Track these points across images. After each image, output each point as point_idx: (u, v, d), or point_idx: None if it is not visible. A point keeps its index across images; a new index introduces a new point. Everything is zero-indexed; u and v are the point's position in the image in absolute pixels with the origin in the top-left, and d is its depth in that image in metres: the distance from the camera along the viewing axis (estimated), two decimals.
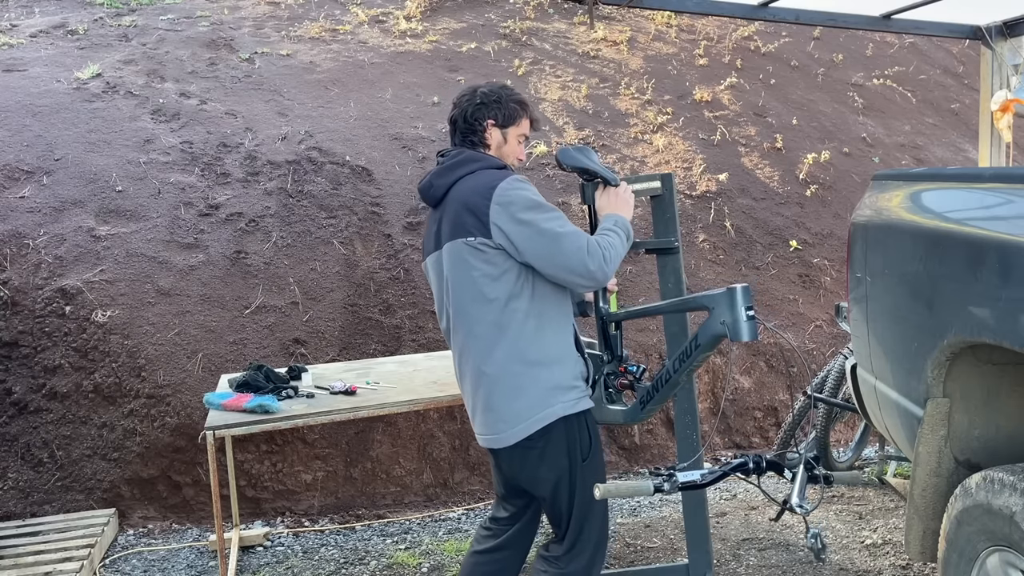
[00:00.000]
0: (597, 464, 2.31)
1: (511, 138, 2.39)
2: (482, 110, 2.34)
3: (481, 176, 2.24)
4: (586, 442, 2.26)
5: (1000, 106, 4.96)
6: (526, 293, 2.20)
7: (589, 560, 2.34)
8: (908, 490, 2.31)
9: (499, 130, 2.36)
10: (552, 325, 2.24)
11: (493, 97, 2.36)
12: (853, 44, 8.25)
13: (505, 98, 2.36)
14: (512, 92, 2.41)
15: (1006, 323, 1.83)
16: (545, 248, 2.13)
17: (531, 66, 6.89)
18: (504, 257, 2.17)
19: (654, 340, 4.75)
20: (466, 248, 2.19)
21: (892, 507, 3.86)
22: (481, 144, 2.37)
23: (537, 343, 2.20)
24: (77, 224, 4.57)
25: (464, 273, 2.22)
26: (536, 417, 2.19)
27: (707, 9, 4.90)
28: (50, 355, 4.11)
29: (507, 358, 2.19)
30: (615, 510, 4.02)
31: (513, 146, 2.40)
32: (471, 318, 2.23)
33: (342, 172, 5.24)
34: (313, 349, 4.37)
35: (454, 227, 2.22)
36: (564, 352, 2.25)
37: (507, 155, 2.39)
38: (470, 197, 2.20)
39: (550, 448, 2.23)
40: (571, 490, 2.27)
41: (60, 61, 5.98)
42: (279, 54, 6.56)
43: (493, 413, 2.23)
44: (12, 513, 3.87)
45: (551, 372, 2.21)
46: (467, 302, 2.23)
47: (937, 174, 2.38)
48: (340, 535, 3.89)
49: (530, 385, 2.19)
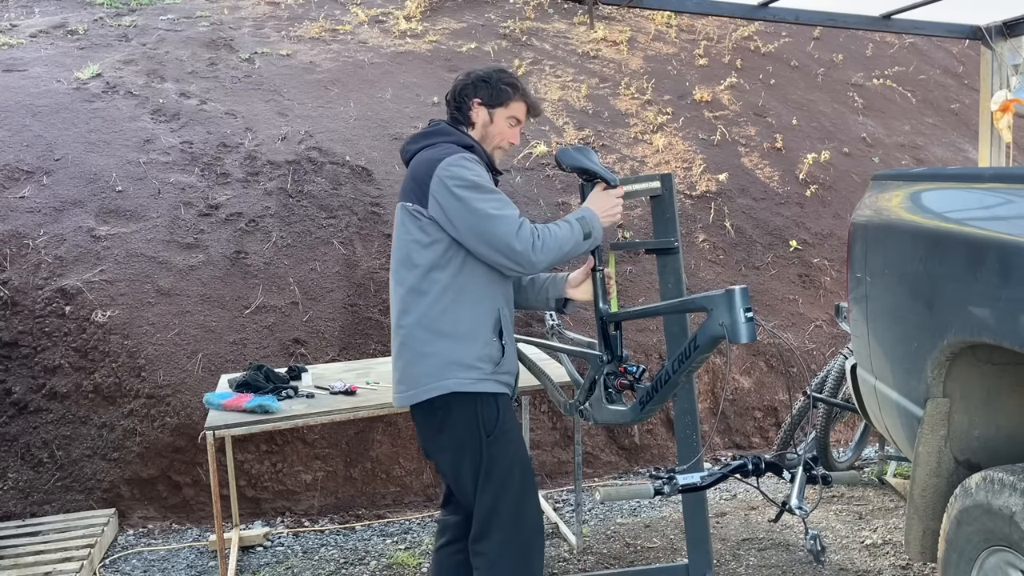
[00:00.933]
0: (508, 443, 2.31)
1: (499, 119, 2.40)
2: (470, 89, 2.40)
3: (438, 149, 2.30)
4: (492, 419, 2.28)
5: (1000, 106, 4.96)
6: (452, 266, 2.25)
7: (521, 549, 2.32)
8: (908, 490, 2.31)
9: (486, 109, 2.39)
10: (470, 303, 2.27)
11: (484, 77, 2.40)
12: (853, 44, 8.25)
13: (496, 79, 2.40)
14: (506, 75, 2.44)
15: (1006, 323, 1.83)
16: (475, 226, 2.18)
17: (531, 66, 6.89)
18: (436, 228, 2.24)
19: (654, 340, 4.75)
20: (406, 212, 2.29)
21: (892, 507, 3.86)
22: (466, 122, 2.41)
23: (449, 316, 2.24)
24: (77, 224, 4.57)
25: (401, 235, 2.31)
26: (429, 386, 2.25)
27: (707, 9, 4.90)
28: (50, 355, 4.11)
29: (416, 323, 2.26)
30: (614, 510, 4.03)
31: (501, 127, 2.41)
32: (397, 278, 2.33)
33: (342, 172, 5.24)
34: (313, 349, 4.37)
35: (403, 191, 2.33)
36: (476, 331, 2.27)
37: (494, 135, 2.41)
38: (419, 166, 2.28)
39: (450, 419, 2.27)
40: (475, 466, 2.28)
41: (60, 61, 5.98)
42: (279, 54, 6.56)
43: (397, 372, 2.33)
44: (12, 513, 3.87)
45: (454, 347, 2.25)
46: (397, 263, 2.33)
47: (937, 174, 2.38)
48: (340, 535, 3.89)
49: (432, 354, 2.25)
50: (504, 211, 2.19)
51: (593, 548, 3.62)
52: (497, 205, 2.19)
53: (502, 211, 2.18)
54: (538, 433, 4.44)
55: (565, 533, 3.71)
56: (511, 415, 2.36)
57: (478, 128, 2.40)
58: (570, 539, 3.65)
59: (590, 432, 4.50)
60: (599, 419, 2.48)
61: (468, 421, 2.27)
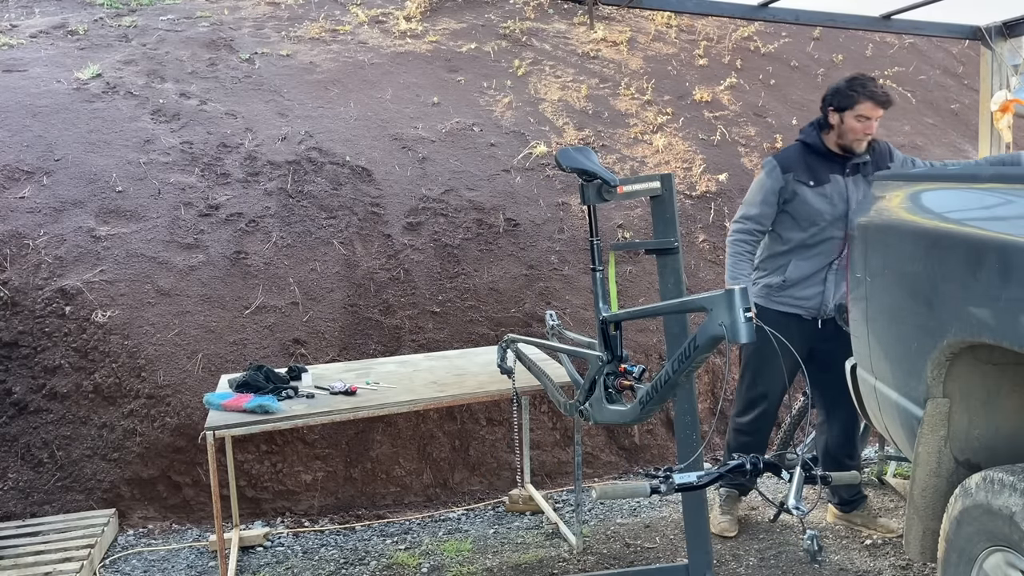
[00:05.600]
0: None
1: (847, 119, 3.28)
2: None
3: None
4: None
5: (1000, 106, 4.96)
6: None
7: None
8: (908, 490, 2.31)
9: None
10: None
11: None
12: (853, 44, 8.25)
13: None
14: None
15: (1006, 323, 1.83)
16: None
17: (531, 66, 6.89)
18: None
19: (654, 340, 4.75)
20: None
21: (892, 507, 3.86)
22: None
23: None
24: (77, 224, 4.57)
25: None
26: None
27: (707, 9, 4.89)
28: (50, 355, 4.11)
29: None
30: (614, 510, 4.03)
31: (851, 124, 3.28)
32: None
33: (342, 172, 5.24)
34: (313, 349, 4.37)
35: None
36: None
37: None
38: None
39: None
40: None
41: (60, 61, 5.98)
42: (279, 54, 6.56)
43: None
44: (12, 513, 3.87)
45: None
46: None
47: (937, 174, 2.38)
48: (340, 535, 3.89)
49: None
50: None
51: (593, 548, 3.62)
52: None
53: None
54: (538, 433, 4.44)
55: (565, 533, 3.71)
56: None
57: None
58: (570, 539, 3.65)
59: (590, 432, 4.51)
60: (599, 419, 2.48)
61: None
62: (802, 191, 3.31)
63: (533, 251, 5.02)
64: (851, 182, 3.33)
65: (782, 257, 3.43)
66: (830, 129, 3.31)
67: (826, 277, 3.37)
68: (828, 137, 3.35)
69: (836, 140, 3.32)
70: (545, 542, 3.71)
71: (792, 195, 3.33)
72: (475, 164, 5.54)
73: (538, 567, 3.46)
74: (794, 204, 3.33)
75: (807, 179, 3.31)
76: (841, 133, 3.27)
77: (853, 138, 3.26)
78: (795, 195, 3.32)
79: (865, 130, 3.23)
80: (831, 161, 3.33)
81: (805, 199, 3.31)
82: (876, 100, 3.20)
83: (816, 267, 3.37)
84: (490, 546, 3.69)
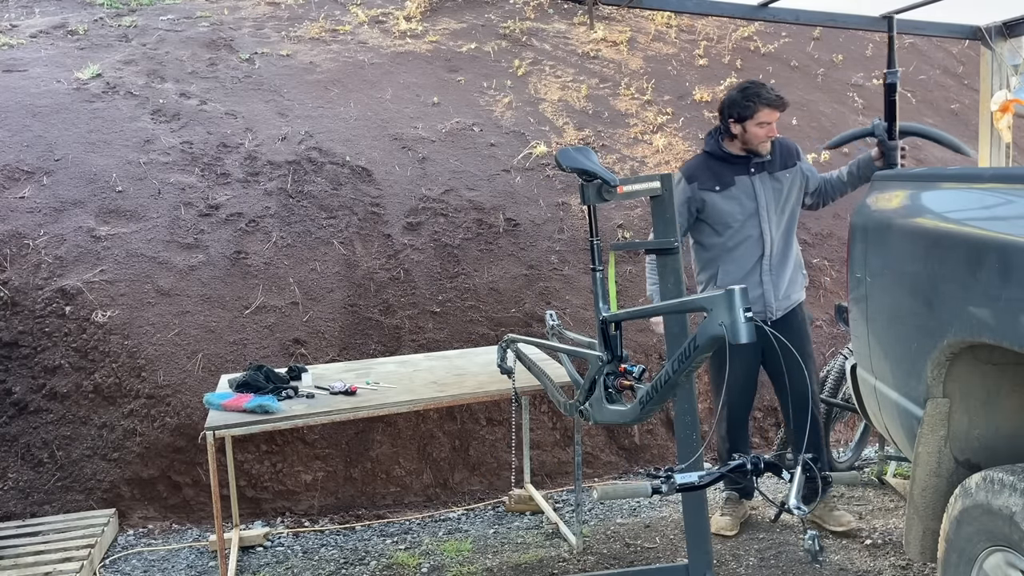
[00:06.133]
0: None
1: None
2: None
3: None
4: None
5: (1000, 106, 4.95)
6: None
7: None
8: (908, 490, 2.31)
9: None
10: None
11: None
12: (853, 44, 8.25)
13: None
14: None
15: (1006, 323, 1.83)
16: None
17: (531, 66, 6.89)
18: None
19: (654, 340, 4.75)
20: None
21: (892, 507, 3.86)
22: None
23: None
24: (77, 224, 4.57)
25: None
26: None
27: (707, 9, 4.88)
28: (50, 355, 4.11)
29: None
30: (614, 510, 4.03)
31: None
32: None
33: (342, 172, 5.24)
34: (313, 349, 4.37)
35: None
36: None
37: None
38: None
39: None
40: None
41: (60, 61, 5.98)
42: (279, 54, 6.56)
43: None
44: (12, 513, 3.87)
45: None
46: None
47: (937, 174, 2.38)
48: (340, 535, 3.89)
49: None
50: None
51: (593, 548, 3.62)
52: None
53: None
54: (538, 433, 4.44)
55: (565, 533, 3.71)
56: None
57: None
58: (570, 539, 3.65)
59: (590, 432, 4.50)
60: (599, 419, 2.48)
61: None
62: (710, 197, 3.46)
63: (533, 251, 5.02)
64: (757, 180, 3.48)
65: (711, 265, 3.56)
66: (733, 138, 3.45)
67: (762, 279, 3.48)
68: (732, 144, 3.49)
69: (741, 146, 3.47)
70: (545, 542, 3.71)
71: (702, 203, 3.47)
72: (475, 164, 5.54)
73: (538, 567, 3.46)
74: (706, 211, 3.48)
75: (712, 185, 3.46)
76: (745, 140, 3.42)
77: (758, 143, 3.42)
78: (704, 203, 3.47)
79: (768, 134, 3.40)
80: (734, 164, 3.48)
81: (714, 204, 3.46)
82: (772, 106, 3.36)
83: (745, 268, 3.48)
84: (490, 546, 3.69)
